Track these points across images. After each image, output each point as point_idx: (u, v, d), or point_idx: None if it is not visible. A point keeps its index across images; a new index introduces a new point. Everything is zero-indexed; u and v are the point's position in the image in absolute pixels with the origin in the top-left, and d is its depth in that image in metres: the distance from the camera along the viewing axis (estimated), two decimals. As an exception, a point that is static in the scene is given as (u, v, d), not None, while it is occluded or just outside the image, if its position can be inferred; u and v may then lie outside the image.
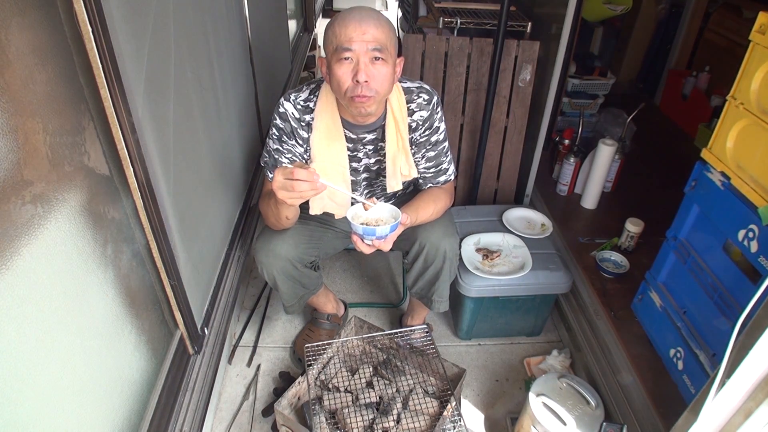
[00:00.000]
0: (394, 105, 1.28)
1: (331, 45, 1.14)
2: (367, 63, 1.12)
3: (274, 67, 2.41)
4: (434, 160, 1.40)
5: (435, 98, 1.33)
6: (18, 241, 0.69)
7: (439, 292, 1.46)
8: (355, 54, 1.12)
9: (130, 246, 1.03)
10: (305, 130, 1.31)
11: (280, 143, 1.32)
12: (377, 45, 1.12)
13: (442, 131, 1.38)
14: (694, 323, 1.28)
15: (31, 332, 0.72)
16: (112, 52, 0.80)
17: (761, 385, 0.79)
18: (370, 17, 1.12)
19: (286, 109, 1.29)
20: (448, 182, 1.45)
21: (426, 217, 1.34)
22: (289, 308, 1.51)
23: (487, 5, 2.31)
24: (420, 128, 1.34)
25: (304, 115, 1.29)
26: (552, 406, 1.27)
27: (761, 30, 1.08)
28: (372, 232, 1.13)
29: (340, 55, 1.12)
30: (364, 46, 1.11)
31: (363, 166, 1.40)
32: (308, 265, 1.45)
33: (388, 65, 1.15)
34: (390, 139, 1.31)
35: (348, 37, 1.11)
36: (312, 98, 1.29)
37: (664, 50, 3.13)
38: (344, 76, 1.14)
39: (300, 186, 1.04)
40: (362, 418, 1.31)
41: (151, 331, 1.13)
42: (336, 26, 1.13)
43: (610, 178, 2.15)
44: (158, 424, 1.09)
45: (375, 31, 1.11)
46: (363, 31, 1.10)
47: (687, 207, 1.33)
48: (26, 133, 0.71)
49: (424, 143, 1.37)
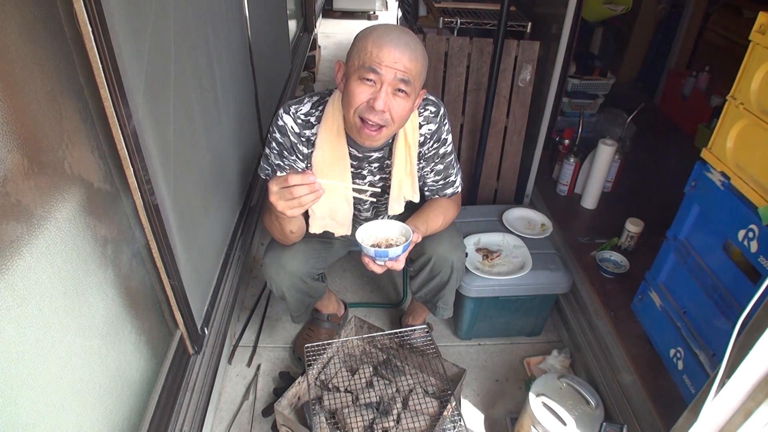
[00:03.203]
0: (408, 130, 1.21)
1: (359, 59, 1.05)
2: (389, 92, 1.05)
3: (274, 67, 2.41)
4: (443, 172, 1.36)
5: (442, 110, 1.27)
6: (18, 241, 0.69)
7: (444, 299, 1.46)
8: (380, 79, 1.04)
9: (130, 246, 1.03)
10: (305, 146, 1.23)
11: (281, 158, 1.25)
12: (406, 77, 1.04)
13: (449, 143, 1.33)
14: (694, 323, 1.28)
15: (31, 332, 0.72)
16: (112, 52, 0.80)
17: (761, 385, 0.79)
18: (407, 45, 1.04)
19: (285, 122, 1.20)
20: (456, 194, 1.42)
21: (435, 228, 1.32)
22: (296, 318, 1.52)
23: (487, 5, 2.32)
24: (428, 142, 1.29)
25: (305, 130, 1.22)
26: (552, 406, 1.27)
27: (761, 30, 1.08)
28: (384, 254, 1.10)
29: (364, 74, 1.04)
30: (392, 74, 1.03)
31: (367, 183, 1.34)
32: (316, 277, 1.45)
33: (410, 100, 1.08)
34: (398, 163, 1.24)
35: (379, 60, 1.02)
36: (314, 112, 1.21)
37: (664, 50, 3.13)
38: (361, 95, 1.06)
39: (298, 191, 0.97)
40: (362, 418, 1.31)
41: (151, 331, 1.13)
42: (370, 41, 1.04)
43: (610, 178, 2.15)
44: (158, 424, 1.09)
45: (408, 63, 1.04)
46: (396, 59, 1.03)
47: (687, 207, 1.33)
48: (26, 133, 0.71)
49: (432, 157, 1.32)
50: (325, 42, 4.98)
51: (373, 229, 1.18)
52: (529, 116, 2.02)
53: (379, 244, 1.16)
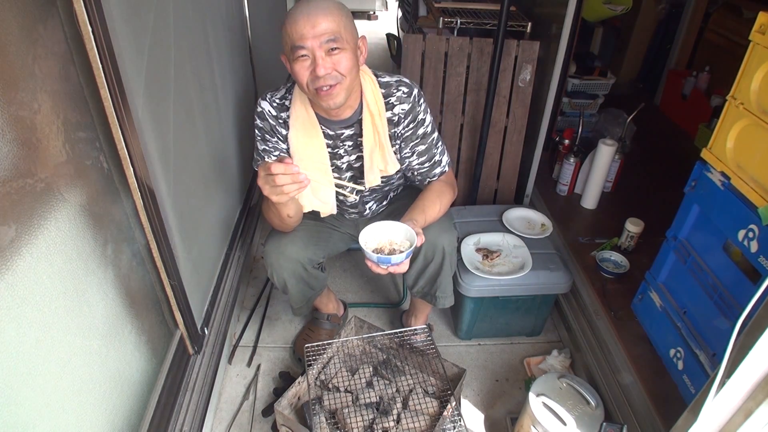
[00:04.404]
0: (369, 98, 1.26)
1: (287, 45, 1.13)
2: (323, 56, 1.10)
3: (274, 67, 2.41)
4: (426, 153, 1.37)
5: (415, 90, 1.30)
6: (18, 240, 0.69)
7: (442, 287, 1.46)
8: (309, 50, 1.10)
9: (130, 246, 1.03)
10: (283, 127, 1.30)
11: (265, 143, 1.32)
12: (330, 36, 1.09)
13: (428, 123, 1.35)
14: (694, 323, 1.28)
15: (31, 332, 0.72)
16: (112, 52, 0.81)
17: (761, 385, 0.79)
18: (318, 8, 1.09)
19: (263, 108, 1.29)
20: (445, 173, 1.42)
21: (434, 215, 1.33)
22: (297, 310, 1.53)
23: (487, 5, 2.31)
24: (402, 121, 1.31)
25: (281, 113, 1.29)
26: (552, 406, 1.27)
27: (761, 30, 1.08)
28: (387, 261, 1.10)
29: (296, 53, 1.11)
30: (317, 41, 1.09)
31: (345, 163, 1.38)
32: (316, 266, 1.45)
33: (347, 51, 1.13)
34: (367, 133, 1.29)
35: (299, 35, 1.09)
36: (288, 96, 1.29)
37: (664, 50, 3.13)
38: (303, 71, 1.13)
39: (280, 180, 1.02)
40: (362, 418, 1.31)
41: (151, 331, 1.13)
42: (287, 25, 1.11)
43: (610, 178, 2.15)
44: (158, 424, 1.09)
45: (325, 22, 1.09)
46: (312, 24, 1.08)
47: (687, 207, 1.33)
48: (26, 133, 0.71)
49: (410, 137, 1.34)
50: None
51: (377, 232, 1.17)
52: (529, 116, 2.02)
53: (382, 248, 1.16)
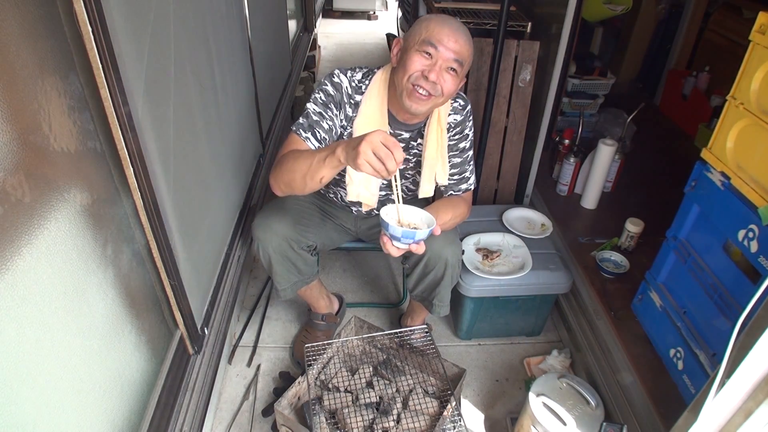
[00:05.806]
0: (442, 113, 1.33)
1: (419, 35, 1.18)
2: (442, 68, 1.18)
3: (274, 67, 2.41)
4: (459, 167, 1.43)
5: (469, 106, 1.39)
6: (18, 241, 0.69)
7: (440, 296, 1.46)
8: (437, 54, 1.17)
9: (130, 246, 1.03)
10: (352, 109, 1.32)
11: (325, 109, 1.30)
12: (459, 58, 1.18)
13: (470, 139, 1.43)
14: (694, 323, 1.28)
15: (31, 332, 0.72)
16: (112, 52, 0.80)
17: (761, 385, 0.79)
18: (465, 34, 1.20)
19: (341, 80, 1.30)
20: (468, 191, 1.48)
21: (444, 222, 1.33)
22: (282, 292, 1.47)
23: (487, 5, 2.32)
24: (451, 131, 1.38)
25: (355, 94, 1.32)
26: (552, 406, 1.27)
27: (761, 30, 1.08)
28: (411, 235, 1.09)
29: (424, 47, 1.17)
30: (449, 54, 1.17)
31: None
32: (305, 248, 1.42)
33: (457, 78, 1.22)
34: (431, 144, 1.33)
35: (439, 38, 1.16)
36: (365, 81, 1.32)
37: (664, 50, 3.13)
38: (416, 63, 1.18)
39: (388, 159, 0.96)
40: (362, 418, 1.31)
41: (151, 331, 1.13)
42: (433, 23, 1.18)
43: (610, 178, 2.15)
44: (158, 424, 1.09)
45: (463, 47, 1.18)
46: (455, 39, 1.17)
47: (687, 207, 1.33)
48: (26, 133, 0.71)
49: (452, 147, 1.40)
50: (325, 42, 4.98)
51: (397, 213, 1.17)
52: (529, 116, 2.02)
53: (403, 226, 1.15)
